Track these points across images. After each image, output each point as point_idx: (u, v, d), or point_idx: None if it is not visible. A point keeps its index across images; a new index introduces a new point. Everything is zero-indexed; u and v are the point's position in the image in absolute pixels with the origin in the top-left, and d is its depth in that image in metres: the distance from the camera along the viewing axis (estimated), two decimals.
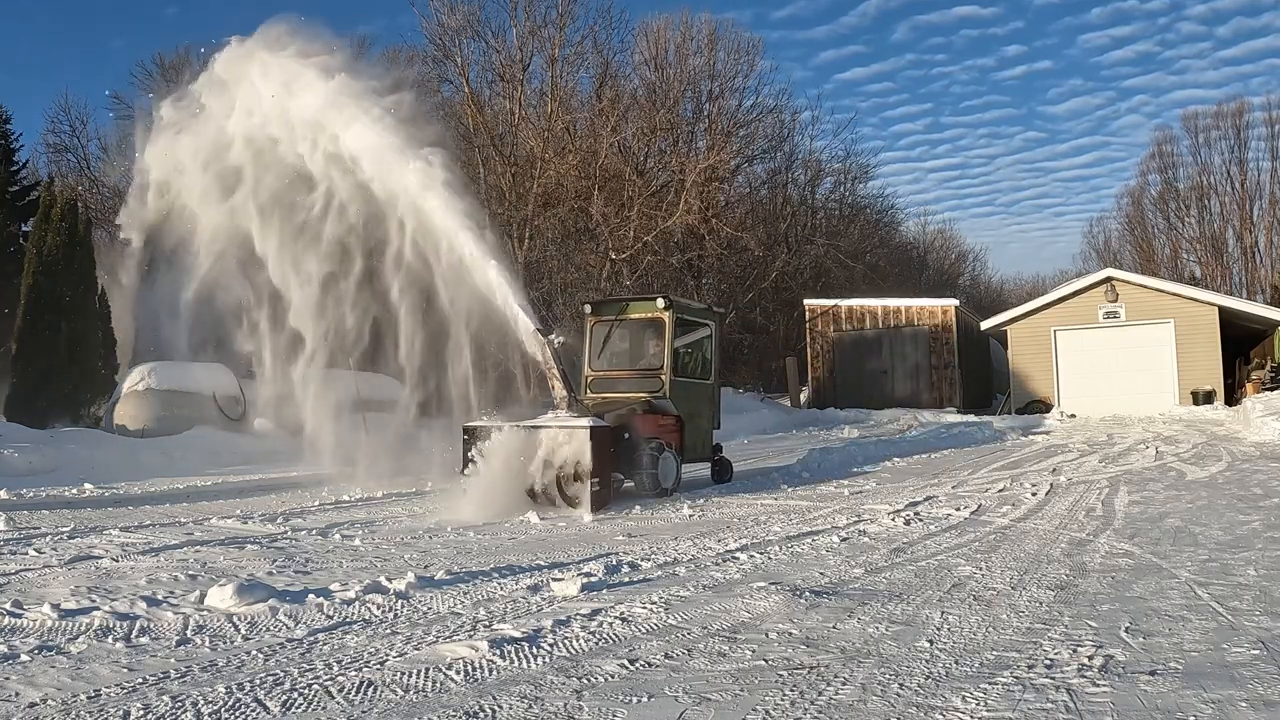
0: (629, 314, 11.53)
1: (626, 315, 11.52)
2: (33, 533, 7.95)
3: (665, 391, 10.75)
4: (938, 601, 4.88)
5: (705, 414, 11.59)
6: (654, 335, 11.24)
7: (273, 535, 7.79)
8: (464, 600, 5.16)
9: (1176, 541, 6.50)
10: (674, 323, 10.95)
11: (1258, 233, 47.22)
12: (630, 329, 11.58)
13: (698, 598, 5.12)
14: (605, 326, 11.53)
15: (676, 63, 33.45)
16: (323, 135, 11.87)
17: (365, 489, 11.05)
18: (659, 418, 10.50)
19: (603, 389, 11.15)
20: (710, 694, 3.51)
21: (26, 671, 3.89)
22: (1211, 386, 23.79)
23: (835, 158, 42.55)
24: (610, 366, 11.47)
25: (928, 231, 58.80)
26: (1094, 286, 25.88)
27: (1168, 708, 3.23)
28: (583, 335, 11.75)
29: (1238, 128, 47.22)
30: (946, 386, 27.92)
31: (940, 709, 3.29)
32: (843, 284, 34.45)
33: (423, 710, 3.41)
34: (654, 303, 11.12)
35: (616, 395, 10.86)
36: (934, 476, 11.53)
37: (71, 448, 13.97)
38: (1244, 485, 9.65)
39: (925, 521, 7.72)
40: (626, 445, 9.88)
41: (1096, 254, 55.69)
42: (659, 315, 11.01)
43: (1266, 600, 4.69)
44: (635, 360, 11.52)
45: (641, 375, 11.12)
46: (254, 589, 5.14)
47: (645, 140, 30.84)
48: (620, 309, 11.68)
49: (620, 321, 11.52)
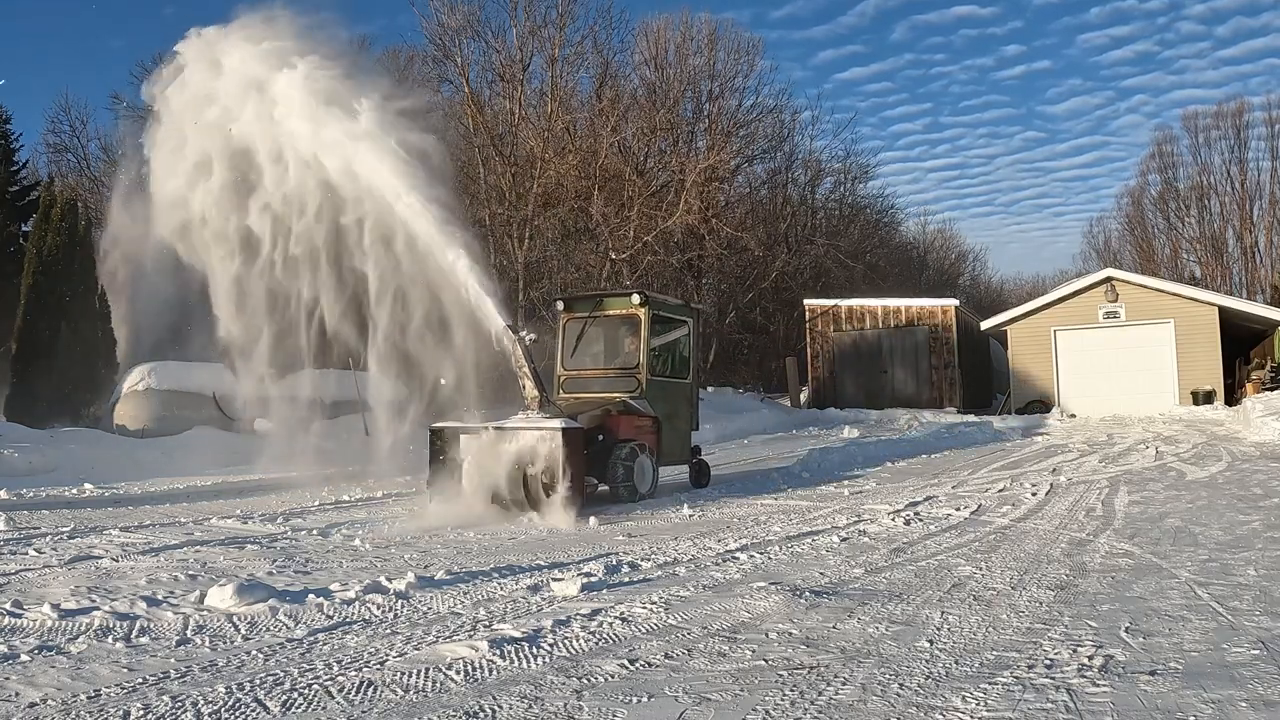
0: (604, 310, 11.03)
1: (601, 312, 11.03)
2: (33, 533, 7.95)
3: (642, 391, 10.34)
4: (938, 601, 4.88)
5: (683, 415, 11.17)
6: (630, 333, 10.81)
7: (273, 535, 7.79)
8: (464, 600, 5.16)
9: (1176, 541, 6.50)
10: (650, 320, 10.53)
11: (1258, 233, 47.25)
12: (605, 326, 11.14)
13: (698, 598, 5.12)
14: (579, 324, 11.02)
15: (676, 63, 33.46)
16: (257, 99, 10.58)
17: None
18: (635, 419, 10.12)
19: (576, 389, 10.74)
20: (710, 694, 3.51)
21: (26, 671, 3.89)
22: (1211, 386, 23.78)
23: (835, 158, 42.63)
24: (584, 366, 11.03)
25: (928, 231, 58.85)
26: (1094, 286, 25.88)
27: (1168, 708, 3.23)
28: (555, 333, 11.29)
29: (1238, 127, 47.27)
30: (946, 386, 27.91)
31: (940, 709, 3.29)
32: (843, 284, 34.44)
33: (423, 710, 3.41)
34: (629, 299, 10.64)
35: (591, 395, 10.45)
36: (934, 476, 11.52)
37: (71, 448, 13.98)
38: (1244, 485, 9.65)
39: (925, 521, 7.72)
40: (601, 448, 9.50)
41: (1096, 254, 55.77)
42: (634, 312, 10.55)
43: (1266, 600, 4.69)
44: (610, 359, 11.11)
45: (617, 375, 10.68)
46: (254, 589, 5.13)
47: (645, 140, 30.83)
48: (594, 305, 11.16)
49: (594, 319, 11.04)
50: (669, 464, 10.76)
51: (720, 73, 33.98)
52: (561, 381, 10.91)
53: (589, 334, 11.06)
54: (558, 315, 11.25)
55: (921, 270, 52.34)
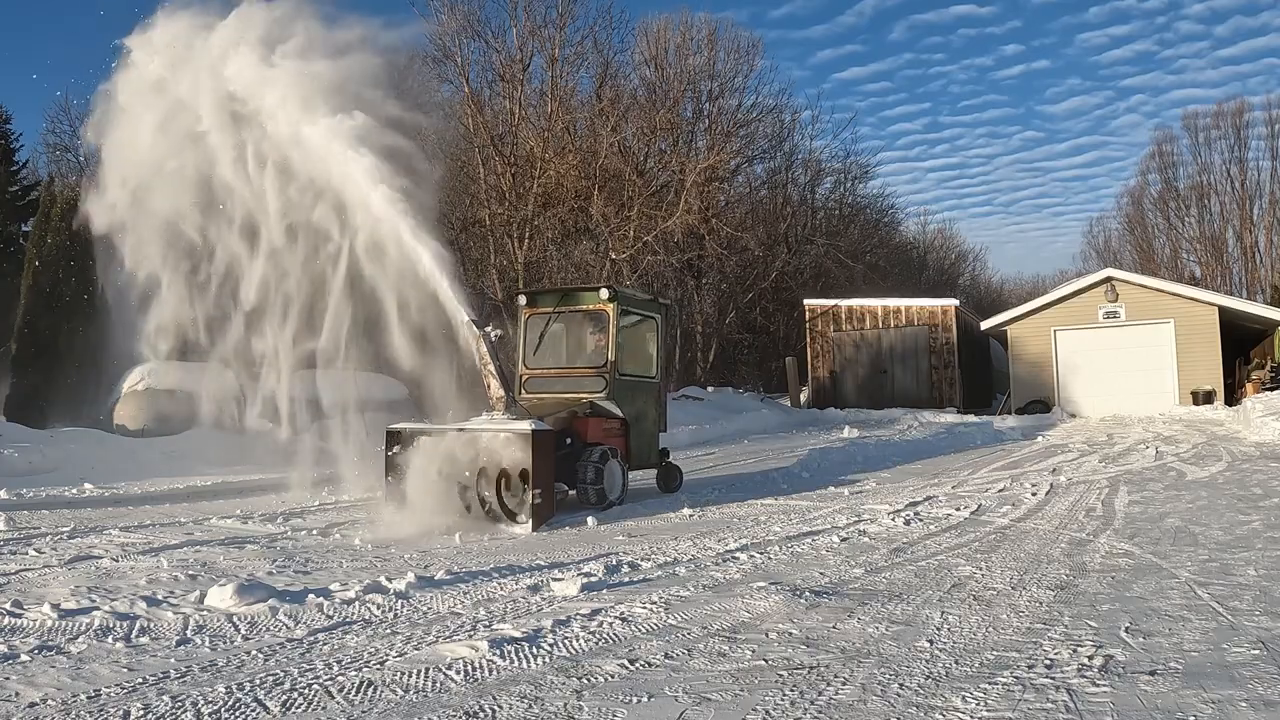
0: (569, 306, 10.45)
1: (566, 307, 10.44)
2: (33, 533, 7.95)
3: (610, 392, 9.81)
4: (938, 601, 4.88)
5: (651, 416, 10.63)
6: (597, 330, 10.25)
7: (273, 535, 7.78)
8: (464, 600, 5.16)
9: (1176, 541, 6.50)
10: (619, 315, 9.98)
11: (1258, 233, 47.29)
12: (570, 323, 10.59)
13: (698, 598, 5.12)
14: (542, 320, 10.41)
15: (676, 62, 33.43)
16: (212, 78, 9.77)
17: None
18: (604, 421, 9.66)
19: (539, 389, 10.17)
20: (710, 694, 3.51)
21: (26, 671, 3.90)
22: (1211, 386, 23.79)
23: (835, 157, 42.61)
24: (547, 364, 10.45)
25: (927, 231, 58.91)
26: (1094, 286, 25.88)
27: (1168, 708, 3.23)
28: (517, 329, 10.66)
29: (1237, 127, 47.34)
30: (946, 386, 27.91)
31: (940, 709, 3.29)
32: (843, 284, 34.44)
33: (423, 710, 3.41)
34: (597, 293, 10.09)
35: (555, 395, 9.93)
36: (934, 476, 11.52)
37: (71, 448, 13.95)
38: (1244, 485, 9.65)
39: (925, 521, 7.72)
40: (569, 452, 9.04)
41: (1096, 254, 55.89)
42: (602, 307, 10.00)
43: (1266, 600, 4.69)
44: (575, 358, 10.54)
45: (583, 374, 10.10)
46: (254, 589, 5.14)
47: (645, 140, 30.81)
48: (559, 300, 10.59)
49: (559, 314, 10.44)
50: (637, 468, 10.23)
51: (720, 72, 33.98)
52: (524, 381, 10.36)
53: (553, 331, 10.49)
54: (519, 311, 10.66)
55: (921, 270, 52.35)
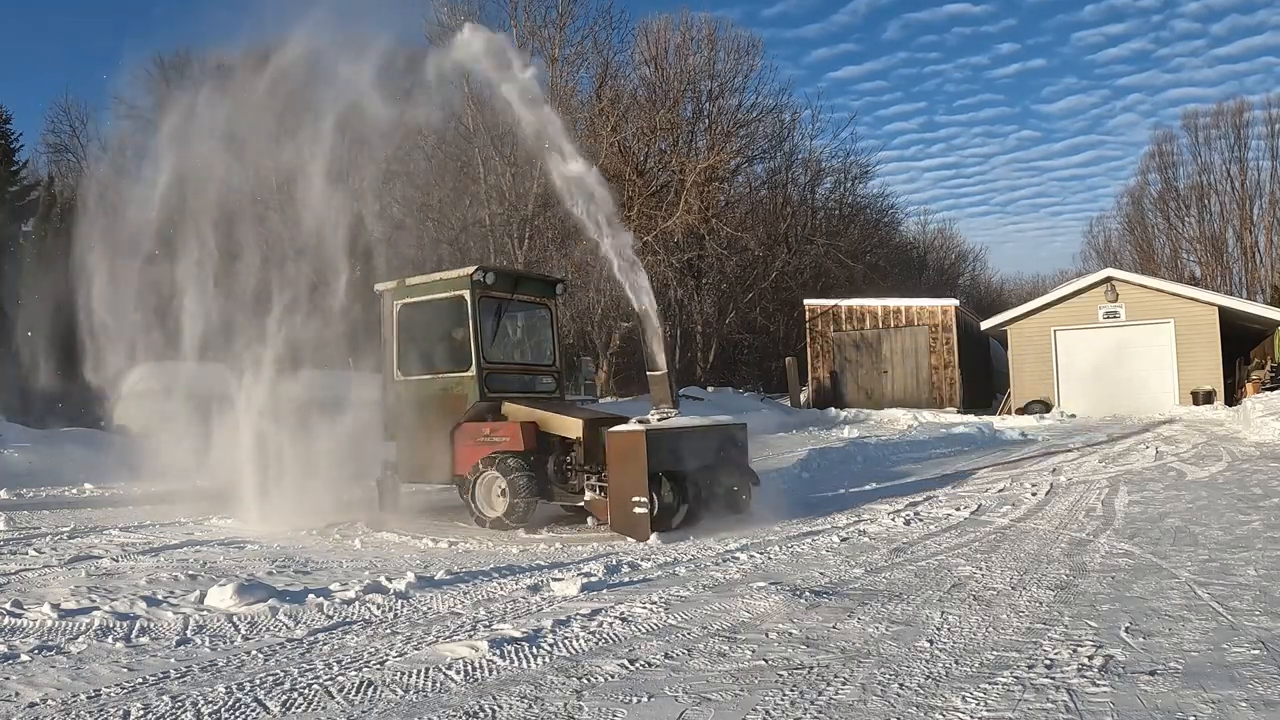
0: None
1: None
2: (33, 533, 7.95)
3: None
4: (938, 601, 4.88)
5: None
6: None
7: (272, 535, 7.79)
8: (464, 600, 5.16)
9: (1176, 541, 6.50)
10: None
11: (1258, 233, 47.28)
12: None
13: (698, 598, 5.12)
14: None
15: (676, 62, 33.47)
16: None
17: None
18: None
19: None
20: (710, 694, 3.51)
21: (26, 671, 3.89)
22: (1211, 386, 23.81)
23: (835, 157, 42.65)
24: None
25: (927, 231, 58.98)
26: (1094, 286, 25.91)
27: (1168, 708, 3.23)
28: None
29: (1237, 127, 47.31)
30: (946, 386, 27.93)
31: (940, 709, 3.29)
32: (843, 284, 34.47)
33: (423, 710, 3.41)
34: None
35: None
36: (934, 476, 11.51)
37: (71, 448, 13.97)
38: (1244, 485, 9.64)
39: (925, 521, 7.72)
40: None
41: (1096, 254, 55.81)
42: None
43: (1266, 600, 4.69)
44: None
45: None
46: (254, 589, 5.14)
47: (645, 140, 30.83)
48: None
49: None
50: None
51: (720, 72, 34.03)
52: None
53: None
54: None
55: (921, 270, 52.38)
